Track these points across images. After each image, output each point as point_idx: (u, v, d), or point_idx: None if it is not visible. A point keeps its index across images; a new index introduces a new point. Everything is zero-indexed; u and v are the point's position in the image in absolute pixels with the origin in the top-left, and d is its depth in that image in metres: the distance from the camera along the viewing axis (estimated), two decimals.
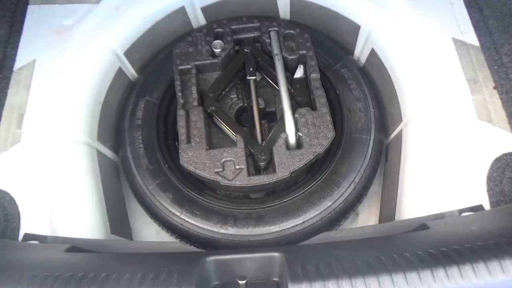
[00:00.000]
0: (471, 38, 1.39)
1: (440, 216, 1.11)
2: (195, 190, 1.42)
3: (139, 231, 1.59)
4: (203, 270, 0.84)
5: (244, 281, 0.81)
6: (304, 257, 0.83)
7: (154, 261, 0.89)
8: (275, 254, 0.86)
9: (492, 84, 1.31)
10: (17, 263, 0.87)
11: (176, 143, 1.61)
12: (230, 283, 0.82)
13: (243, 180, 1.30)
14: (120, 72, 1.61)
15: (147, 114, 1.54)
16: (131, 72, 1.68)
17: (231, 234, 1.34)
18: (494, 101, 1.28)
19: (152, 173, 1.44)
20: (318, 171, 1.44)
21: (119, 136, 1.57)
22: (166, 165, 1.46)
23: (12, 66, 1.47)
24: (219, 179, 1.30)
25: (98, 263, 0.91)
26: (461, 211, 1.12)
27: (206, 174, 1.31)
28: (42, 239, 1.18)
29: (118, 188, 1.57)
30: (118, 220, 1.48)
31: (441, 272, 0.75)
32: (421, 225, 0.94)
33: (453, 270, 0.74)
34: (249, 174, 1.31)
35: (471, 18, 1.41)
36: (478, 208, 1.11)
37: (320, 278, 0.76)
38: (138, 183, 1.44)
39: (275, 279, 0.85)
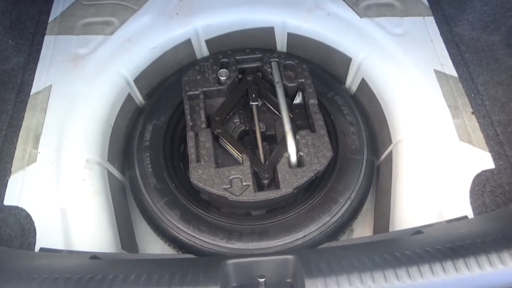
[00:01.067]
0: (450, 69, 1.56)
1: (430, 226, 1.22)
2: (201, 207, 1.50)
3: (144, 249, 1.64)
4: (224, 271, 0.91)
5: (263, 279, 0.89)
6: (316, 258, 0.92)
7: (179, 264, 0.96)
8: (289, 256, 0.95)
9: (470, 109, 1.47)
10: (47, 268, 0.92)
11: (181, 164, 1.71)
12: (250, 283, 0.90)
13: (250, 196, 1.39)
14: (129, 98, 1.72)
15: (155, 137, 1.63)
16: (138, 98, 1.79)
17: (237, 248, 1.42)
18: (473, 124, 1.43)
19: (160, 192, 1.52)
20: (317, 189, 1.55)
21: (127, 157, 1.65)
22: (173, 184, 1.54)
23: (29, 91, 1.55)
24: (227, 194, 1.39)
25: (126, 266, 0.97)
26: (449, 221, 1.24)
27: (215, 190, 1.39)
28: (57, 253, 1.23)
29: (125, 207, 1.64)
30: (127, 237, 1.53)
31: (438, 266, 0.85)
32: (416, 231, 1.05)
33: (448, 264, 0.85)
34: (255, 190, 1.41)
35: (449, 53, 1.59)
36: (464, 219, 1.23)
37: (333, 274, 0.85)
38: (147, 201, 1.52)
39: (288, 280, 0.93)
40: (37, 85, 1.57)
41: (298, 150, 1.48)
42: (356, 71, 1.73)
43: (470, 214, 1.27)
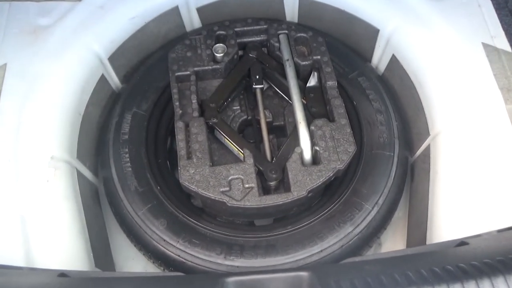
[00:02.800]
0: (502, 43, 1.57)
1: (477, 236, 1.24)
2: (193, 215, 1.53)
3: (122, 267, 1.67)
4: None
5: None
6: (336, 275, 0.94)
7: (165, 284, 0.99)
8: (303, 273, 0.97)
9: None
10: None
11: (168, 162, 1.73)
12: None
13: (254, 201, 1.41)
14: (103, 80, 1.74)
15: (135, 128, 1.66)
16: (114, 80, 1.81)
17: (238, 266, 1.44)
18: None
19: (142, 197, 1.54)
20: (336, 193, 1.57)
21: (101, 154, 1.67)
22: (158, 187, 1.56)
23: None
24: (225, 199, 1.41)
25: (101, 287, 0.99)
26: (500, 231, 1.26)
27: (210, 193, 1.42)
28: (16, 271, 1.25)
29: (99, 215, 1.66)
30: (101, 252, 1.56)
31: (486, 283, 0.87)
32: (460, 242, 1.08)
33: (499, 281, 0.87)
34: (260, 194, 1.43)
35: (501, 22, 1.61)
36: None
37: None
38: (125, 208, 1.54)
39: None
40: None
41: (313, 144, 1.50)
42: (385, 46, 1.75)
43: None
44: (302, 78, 1.67)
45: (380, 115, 1.66)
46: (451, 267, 0.91)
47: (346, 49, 1.82)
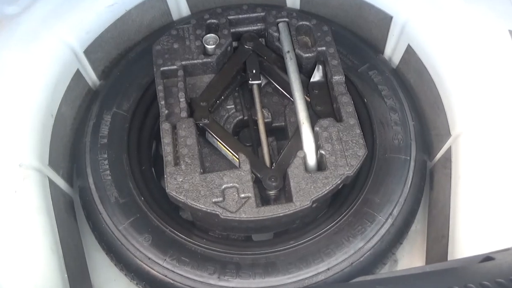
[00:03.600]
0: None
1: (505, 251, 1.25)
2: (181, 230, 1.54)
3: None
4: None
5: None
6: None
7: None
8: None
9: None
10: None
11: (153, 169, 1.75)
12: None
13: (251, 212, 1.42)
14: (78, 76, 1.75)
15: (115, 131, 1.67)
16: (91, 76, 1.83)
17: (233, 287, 1.45)
18: None
19: (124, 209, 1.56)
20: (345, 203, 1.59)
21: (77, 161, 1.69)
22: (142, 198, 1.58)
23: None
24: (218, 211, 1.42)
25: None
26: None
27: (201, 205, 1.43)
28: None
29: (74, 230, 1.67)
30: (77, 272, 1.57)
31: None
32: (485, 257, 1.09)
33: None
34: (257, 205, 1.44)
35: None
36: None
37: None
38: (105, 222, 1.55)
39: None
40: None
41: (318, 148, 1.52)
42: (399, 35, 1.77)
43: None
44: (305, 73, 1.69)
45: (394, 114, 1.67)
46: (474, 286, 0.93)
47: (355, 39, 1.83)
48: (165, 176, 1.47)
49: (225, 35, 1.69)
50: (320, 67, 1.67)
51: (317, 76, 1.67)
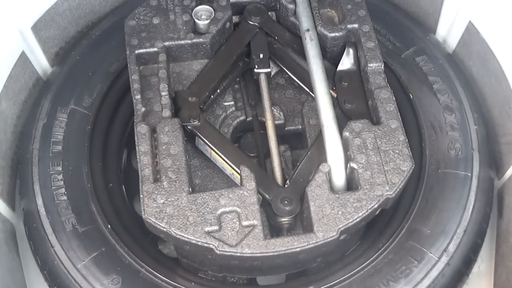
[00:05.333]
0: None
1: None
2: (162, 270, 1.54)
3: None
4: None
5: None
6: None
7: None
8: None
9: None
10: None
11: (124, 186, 1.76)
12: None
13: (257, 246, 1.42)
14: (23, 61, 1.76)
15: (73, 135, 1.68)
16: (41, 61, 1.84)
17: None
18: None
19: (84, 240, 1.56)
20: (384, 234, 1.59)
21: (20, 175, 1.69)
22: (109, 226, 1.59)
23: None
24: (213, 244, 1.42)
25: None
26: None
27: (189, 235, 1.43)
28: None
29: (15, 268, 1.67)
30: None
31: None
32: None
33: None
34: (266, 236, 1.44)
35: None
36: None
37: None
38: (58, 257, 1.56)
39: None
40: None
41: (347, 160, 1.53)
42: (457, 10, 1.77)
43: None
44: (331, 58, 1.70)
45: (450, 115, 1.68)
46: None
47: (398, 14, 1.85)
48: (141, 196, 1.47)
49: (222, 6, 1.71)
50: (351, 51, 1.68)
51: (346, 63, 1.68)
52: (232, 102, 1.73)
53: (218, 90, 1.72)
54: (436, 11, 1.83)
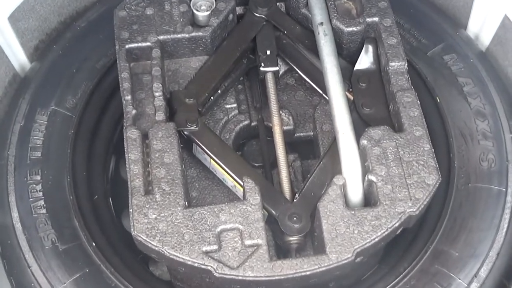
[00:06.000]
0: None
1: None
2: None
3: None
4: None
5: None
6: None
7: None
8: None
9: None
10: None
11: (111, 199, 1.76)
12: None
13: (261, 269, 1.41)
14: None
15: (54, 140, 1.69)
16: (18, 56, 1.84)
17: None
18: None
19: (66, 260, 1.56)
20: (406, 256, 1.59)
21: None
22: (94, 243, 1.59)
23: None
24: (211, 265, 1.41)
25: None
26: None
27: (185, 256, 1.42)
28: None
29: None
30: None
31: None
32: None
33: None
34: (271, 258, 1.43)
35: None
36: None
37: None
38: (35, 279, 1.55)
39: None
40: None
41: (365, 172, 1.52)
42: (491, 2, 1.76)
43: None
44: (347, 56, 1.70)
45: (482, 121, 1.68)
46: None
47: (424, 6, 1.85)
48: (130, 210, 1.46)
49: None
50: (370, 48, 1.68)
51: (365, 61, 1.68)
52: (235, 105, 1.73)
53: (219, 91, 1.72)
54: (467, 3, 1.83)
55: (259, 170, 1.66)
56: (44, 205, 1.62)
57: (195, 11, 1.69)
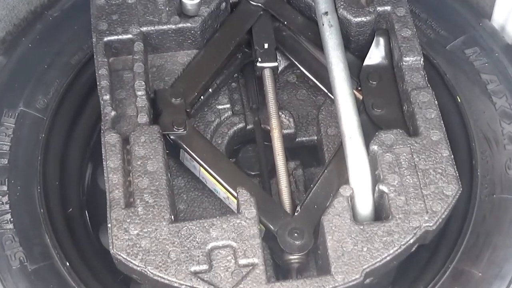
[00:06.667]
0: None
1: None
2: None
3: None
4: None
5: None
6: None
7: None
8: None
9: None
10: None
11: (87, 212, 1.76)
12: None
13: None
14: None
15: (22, 146, 1.69)
16: None
17: None
18: None
19: (35, 281, 1.56)
20: (423, 277, 1.59)
21: None
22: (67, 263, 1.59)
23: None
24: (201, 287, 1.43)
25: None
26: None
27: (171, 276, 1.41)
28: None
29: None
30: None
31: None
32: None
33: None
34: (269, 279, 1.43)
35: None
36: None
37: None
38: None
39: None
40: None
41: (376, 181, 1.52)
42: None
43: None
44: (355, 50, 1.70)
45: (509, 124, 1.68)
46: None
47: None
48: (109, 225, 1.46)
49: None
50: (381, 40, 1.68)
51: (375, 56, 1.68)
52: (228, 105, 1.73)
53: (210, 90, 1.72)
54: None
55: (256, 179, 1.66)
56: (11, 219, 1.62)
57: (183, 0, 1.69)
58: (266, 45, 1.71)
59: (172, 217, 1.49)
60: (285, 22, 1.73)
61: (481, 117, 1.71)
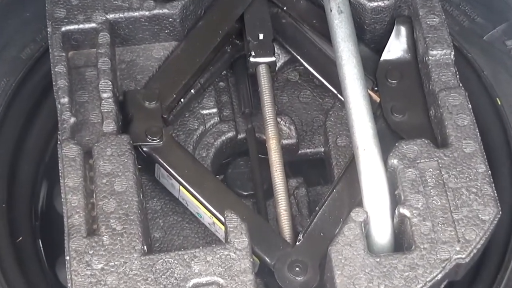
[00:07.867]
0: None
1: None
2: None
3: None
4: None
5: None
6: None
7: None
8: None
9: None
10: None
11: (41, 241, 1.76)
12: None
13: None
14: None
15: None
16: None
17: None
18: None
19: None
20: None
21: None
22: None
23: None
24: None
25: None
26: None
27: None
28: None
29: None
30: None
31: None
32: None
33: None
34: None
35: None
36: None
37: None
38: None
39: None
40: None
41: (395, 203, 1.54)
42: None
43: None
44: (371, 41, 1.73)
45: None
46: None
47: None
48: (67, 258, 1.48)
49: None
50: (403, 30, 1.70)
51: (395, 49, 1.70)
52: (215, 110, 1.75)
53: (193, 91, 1.74)
54: None
55: (249, 201, 1.68)
56: None
57: None
58: (261, 36, 1.72)
59: (145, 247, 1.50)
60: (285, 8, 1.76)
61: None
